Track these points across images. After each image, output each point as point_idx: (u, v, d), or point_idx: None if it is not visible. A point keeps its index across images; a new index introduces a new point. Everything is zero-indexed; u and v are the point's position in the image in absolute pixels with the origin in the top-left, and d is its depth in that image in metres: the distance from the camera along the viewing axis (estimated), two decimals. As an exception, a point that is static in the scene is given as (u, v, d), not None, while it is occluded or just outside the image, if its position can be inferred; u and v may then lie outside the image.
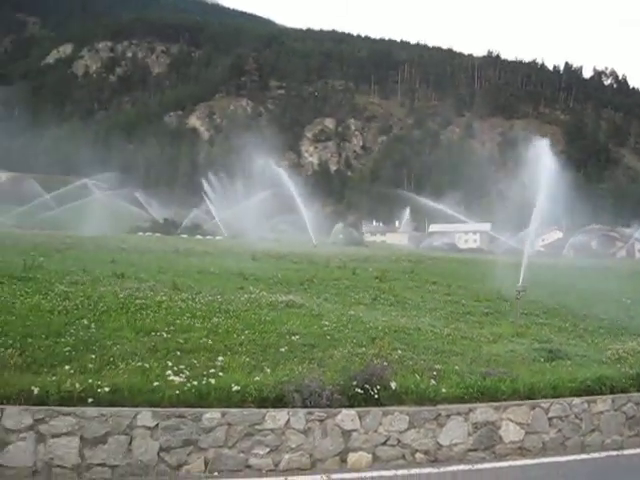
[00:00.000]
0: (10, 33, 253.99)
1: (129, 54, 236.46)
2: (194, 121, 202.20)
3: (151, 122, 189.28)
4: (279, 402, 7.98)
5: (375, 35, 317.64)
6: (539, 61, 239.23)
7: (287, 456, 7.76)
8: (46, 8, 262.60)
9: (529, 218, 20.10)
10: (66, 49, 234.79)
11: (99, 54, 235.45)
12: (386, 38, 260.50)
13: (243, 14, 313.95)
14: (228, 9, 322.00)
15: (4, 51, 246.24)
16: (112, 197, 79.89)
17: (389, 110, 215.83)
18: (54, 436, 7.16)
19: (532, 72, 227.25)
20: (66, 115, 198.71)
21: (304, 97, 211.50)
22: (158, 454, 7.38)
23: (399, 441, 8.31)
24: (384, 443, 8.23)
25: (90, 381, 7.67)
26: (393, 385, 8.58)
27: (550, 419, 9.22)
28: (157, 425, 7.39)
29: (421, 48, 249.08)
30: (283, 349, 9.97)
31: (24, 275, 15.37)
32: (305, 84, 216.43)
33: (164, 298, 13.22)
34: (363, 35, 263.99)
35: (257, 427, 7.69)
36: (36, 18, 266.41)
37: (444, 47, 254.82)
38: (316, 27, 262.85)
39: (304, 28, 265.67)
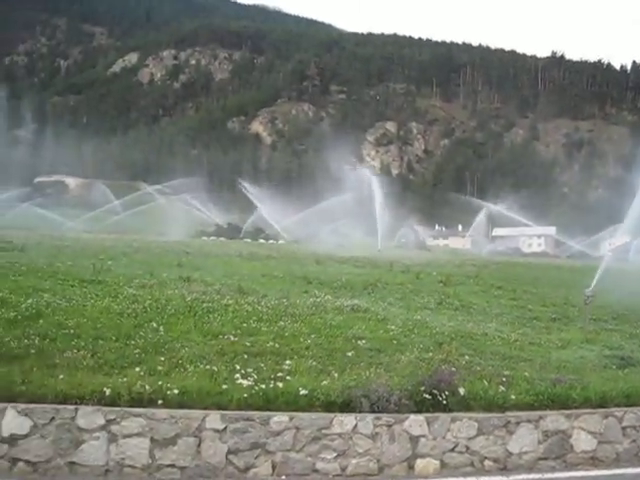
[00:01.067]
0: (79, 44, 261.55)
1: (192, 61, 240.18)
2: (256, 126, 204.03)
3: (214, 128, 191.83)
4: (346, 407, 7.93)
5: (437, 38, 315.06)
6: (605, 61, 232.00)
7: (354, 461, 7.70)
8: (112, 19, 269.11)
9: (597, 221, 19.59)
10: (132, 58, 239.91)
11: (163, 62, 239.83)
12: (448, 40, 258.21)
13: (304, 20, 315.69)
14: (289, 15, 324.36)
15: (73, 61, 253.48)
16: (176, 202, 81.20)
17: (451, 113, 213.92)
18: (125, 436, 7.28)
19: (598, 72, 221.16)
20: (132, 122, 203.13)
21: (365, 101, 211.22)
22: (226, 457, 7.42)
23: (468, 448, 8.15)
24: (452, 450, 8.09)
25: (160, 383, 7.77)
26: (462, 391, 8.43)
27: (624, 428, 8.90)
28: (226, 428, 7.43)
29: (483, 50, 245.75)
30: (350, 353, 9.90)
31: (94, 278, 15.71)
32: (366, 88, 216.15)
33: (230, 301, 13.29)
34: (424, 38, 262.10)
35: (324, 431, 7.66)
36: (103, 29, 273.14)
37: (507, 48, 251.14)
38: (377, 31, 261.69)
39: (365, 32, 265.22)
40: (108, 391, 7.54)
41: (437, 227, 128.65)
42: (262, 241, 54.70)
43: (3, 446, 7.16)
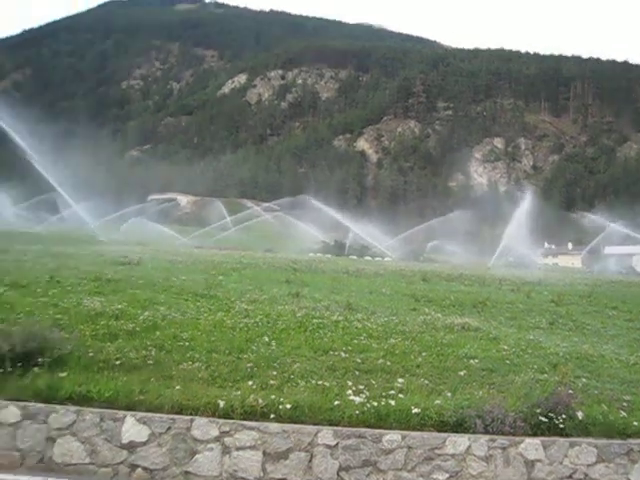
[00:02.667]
0: (190, 67, 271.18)
1: (299, 81, 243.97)
2: (362, 144, 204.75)
3: (321, 146, 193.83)
4: (459, 427, 7.75)
5: (544, 51, 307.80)
6: None
7: (467, 483, 7.52)
8: (222, 42, 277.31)
9: None
10: (240, 79, 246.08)
11: (271, 82, 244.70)
12: (556, 53, 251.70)
13: (409, 37, 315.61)
14: (394, 33, 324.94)
15: (185, 84, 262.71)
16: (284, 219, 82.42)
17: (561, 128, 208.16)
18: (238, 449, 7.38)
19: None
20: (241, 141, 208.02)
21: (472, 117, 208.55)
22: (337, 473, 7.39)
23: (586, 475, 7.76)
24: (570, 476, 7.72)
25: (272, 397, 7.86)
26: (580, 415, 8.06)
27: None
28: (337, 444, 7.41)
29: (594, 62, 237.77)
30: (462, 373, 9.68)
31: (206, 293, 16.05)
32: (473, 104, 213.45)
33: (340, 318, 13.27)
34: (532, 52, 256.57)
35: (437, 452, 7.51)
36: (214, 52, 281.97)
37: (619, 60, 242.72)
38: (483, 46, 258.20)
39: (471, 48, 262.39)
40: (222, 403, 7.69)
41: (546, 245, 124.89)
42: (368, 258, 54.57)
43: (122, 452, 7.42)
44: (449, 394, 8.52)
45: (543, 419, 7.91)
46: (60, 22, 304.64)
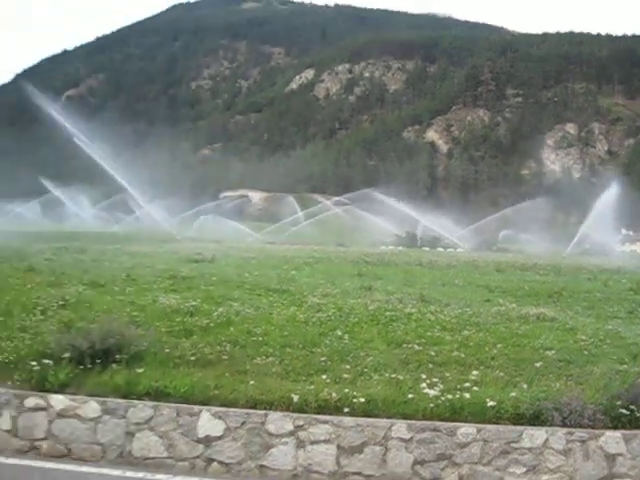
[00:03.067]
0: (258, 65, 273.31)
1: (366, 74, 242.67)
2: (432, 135, 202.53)
3: (390, 138, 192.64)
4: (536, 420, 7.57)
5: (617, 32, 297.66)
6: None
7: (545, 477, 7.29)
8: (288, 39, 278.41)
9: None
10: (308, 74, 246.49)
11: (338, 76, 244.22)
12: (629, 34, 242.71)
13: (475, 24, 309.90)
14: (460, 21, 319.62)
15: (253, 81, 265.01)
16: (354, 212, 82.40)
17: (635, 110, 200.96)
18: (313, 443, 7.40)
19: None
20: (309, 136, 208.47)
21: (543, 103, 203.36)
22: (412, 467, 7.32)
23: (672, 470, 7.49)
24: (654, 472, 7.45)
25: (346, 391, 7.85)
26: (663, 407, 7.80)
27: None
28: (412, 438, 7.34)
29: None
30: (538, 364, 9.43)
31: (279, 287, 16.17)
32: (543, 90, 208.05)
33: (413, 310, 13.16)
34: (603, 33, 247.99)
35: (513, 445, 7.34)
36: (280, 49, 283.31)
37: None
38: (552, 30, 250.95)
39: (539, 32, 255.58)
40: (296, 397, 7.73)
41: (624, 231, 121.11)
42: (440, 249, 54.12)
43: (199, 446, 7.55)
44: (525, 386, 8.32)
45: (624, 411, 7.62)
46: (130, 27, 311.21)
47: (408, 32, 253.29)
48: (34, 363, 8.51)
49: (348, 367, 8.93)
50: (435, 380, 8.34)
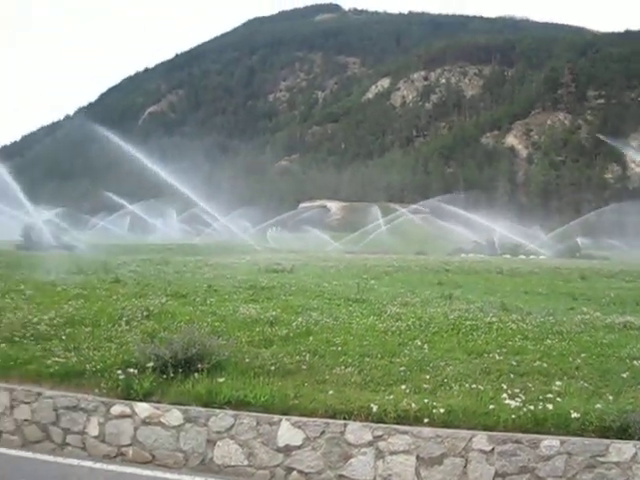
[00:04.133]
0: (334, 75, 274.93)
1: (442, 80, 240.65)
2: (511, 140, 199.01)
3: (468, 145, 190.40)
4: (623, 433, 7.27)
5: None
6: None
7: (634, 493, 7.06)
8: (363, 48, 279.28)
9: None
10: (384, 83, 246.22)
11: (414, 84, 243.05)
12: None
13: (554, 25, 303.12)
14: (538, 23, 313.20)
15: (329, 92, 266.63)
16: (433, 220, 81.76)
17: None
18: (392, 453, 7.33)
19: None
20: (387, 145, 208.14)
21: (626, 104, 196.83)
22: (493, 479, 7.19)
23: None
24: None
25: (425, 401, 7.76)
26: None
27: None
28: (493, 449, 7.18)
29: None
30: (624, 375, 9.11)
31: (358, 297, 16.18)
32: (627, 90, 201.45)
33: (494, 319, 12.95)
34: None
35: (599, 459, 7.05)
36: (356, 59, 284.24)
37: None
38: (634, 27, 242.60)
39: (621, 30, 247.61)
40: (375, 407, 7.68)
41: None
42: (522, 257, 53.06)
43: (279, 455, 7.59)
44: (611, 398, 8.04)
45: None
46: (208, 43, 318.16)
47: (484, 36, 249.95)
48: (120, 372, 8.78)
49: (428, 377, 8.84)
50: (517, 391, 8.16)
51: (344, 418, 7.69)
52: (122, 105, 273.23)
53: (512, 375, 9.02)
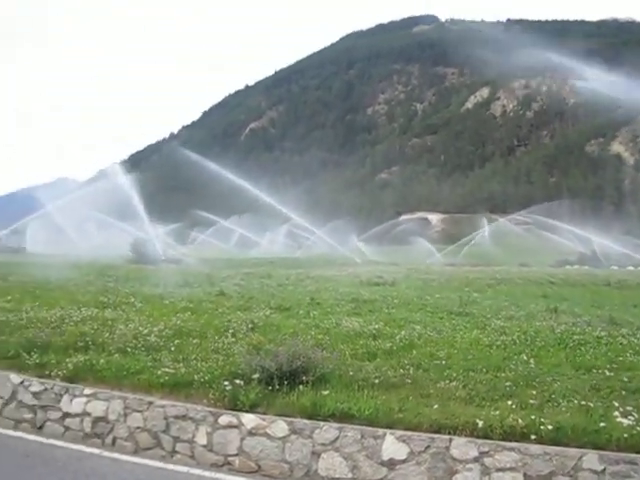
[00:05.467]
0: (432, 87, 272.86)
1: (544, 88, 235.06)
2: (617, 147, 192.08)
3: (571, 153, 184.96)
4: None
5: None
6: None
7: None
8: (461, 58, 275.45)
9: None
10: (483, 93, 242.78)
11: (514, 93, 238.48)
12: None
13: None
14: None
15: (428, 104, 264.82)
16: (537, 231, 79.76)
17: None
18: (498, 470, 7.20)
19: None
20: (487, 155, 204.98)
21: None
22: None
23: None
24: None
25: (532, 417, 7.59)
26: None
27: None
28: (604, 470, 6.93)
29: None
30: None
31: (461, 310, 16.03)
32: None
33: (602, 334, 12.52)
34: None
35: None
36: (453, 69, 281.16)
37: None
38: None
39: None
40: (481, 423, 7.58)
41: None
42: (631, 268, 50.99)
43: (382, 469, 7.58)
44: None
45: None
46: (307, 59, 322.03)
47: (586, 40, 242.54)
48: (227, 383, 9.02)
49: (534, 393, 8.64)
50: (629, 408, 7.85)
51: (449, 433, 7.62)
52: (224, 122, 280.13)
53: (624, 392, 8.70)
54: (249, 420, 8.36)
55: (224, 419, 8.50)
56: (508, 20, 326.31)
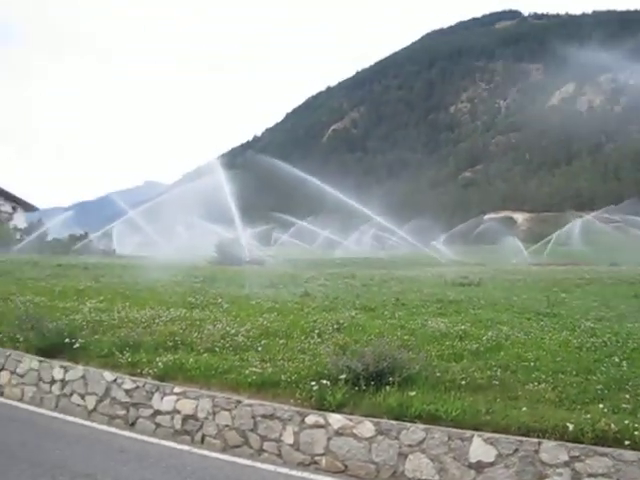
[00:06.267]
0: (515, 83, 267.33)
1: (631, 82, 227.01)
2: None
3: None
4: None
5: None
6: None
7: None
8: (546, 53, 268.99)
9: None
10: (568, 88, 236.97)
11: (601, 87, 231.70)
12: None
13: None
14: None
15: (512, 100, 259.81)
16: (626, 228, 77.24)
17: None
18: (590, 475, 7.04)
19: None
20: (574, 152, 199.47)
21: None
22: None
23: None
24: None
25: (626, 422, 7.39)
26: None
27: None
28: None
29: None
30: None
31: (548, 311, 15.69)
32: None
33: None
34: None
35: None
36: (538, 65, 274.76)
37: None
38: None
39: None
40: (571, 427, 7.44)
41: None
42: None
43: (470, 471, 7.53)
44: None
45: None
46: (388, 59, 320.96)
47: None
48: (313, 383, 9.12)
49: (627, 396, 8.39)
50: None
51: (538, 436, 7.50)
52: (307, 124, 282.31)
53: None
54: (336, 420, 8.43)
55: (311, 419, 8.59)
56: (594, 12, 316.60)
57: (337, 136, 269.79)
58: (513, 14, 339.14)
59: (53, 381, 11.30)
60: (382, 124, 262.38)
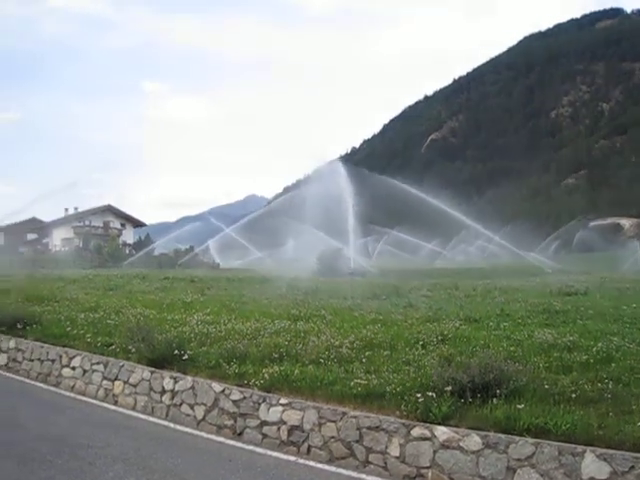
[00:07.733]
0: (619, 84, 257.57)
1: None
2: None
3: None
4: None
5: None
6: None
7: None
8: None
9: None
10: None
11: None
12: None
13: None
14: None
15: (615, 102, 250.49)
16: None
17: None
18: None
19: None
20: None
21: None
22: None
23: None
24: None
25: None
26: None
27: None
28: None
29: None
30: None
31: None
32: None
33: None
34: None
35: None
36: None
37: None
38: None
39: None
40: None
41: None
42: None
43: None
44: None
45: None
46: (484, 66, 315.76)
47: None
48: (419, 395, 9.11)
49: None
50: None
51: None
52: (404, 134, 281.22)
53: None
54: (442, 433, 8.38)
55: (417, 431, 8.58)
56: None
57: (436, 145, 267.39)
58: (615, 12, 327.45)
59: (164, 391, 11.78)
60: (481, 132, 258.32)
